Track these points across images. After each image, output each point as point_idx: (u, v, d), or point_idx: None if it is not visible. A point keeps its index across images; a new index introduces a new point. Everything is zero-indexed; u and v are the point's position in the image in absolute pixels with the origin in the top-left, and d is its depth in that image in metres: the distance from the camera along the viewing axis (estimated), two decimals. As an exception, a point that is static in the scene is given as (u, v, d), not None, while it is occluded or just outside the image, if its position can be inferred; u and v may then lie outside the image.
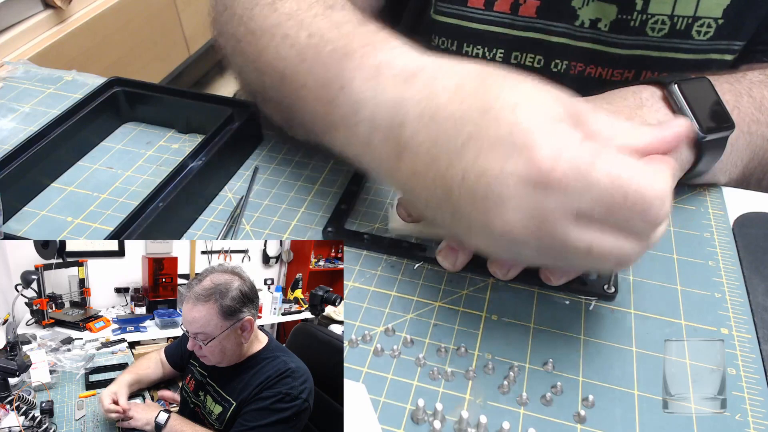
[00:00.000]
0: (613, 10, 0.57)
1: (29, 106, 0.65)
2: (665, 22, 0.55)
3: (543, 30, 0.60)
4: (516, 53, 0.57)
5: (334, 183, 0.53)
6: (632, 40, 0.57)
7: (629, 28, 0.57)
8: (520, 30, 0.60)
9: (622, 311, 0.42)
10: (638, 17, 0.56)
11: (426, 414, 0.36)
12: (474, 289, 0.44)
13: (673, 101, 0.45)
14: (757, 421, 0.35)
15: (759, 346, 0.39)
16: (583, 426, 0.36)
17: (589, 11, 0.57)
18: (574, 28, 0.59)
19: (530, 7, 0.59)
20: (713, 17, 0.55)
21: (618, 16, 0.56)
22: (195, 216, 0.50)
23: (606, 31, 0.58)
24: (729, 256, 0.45)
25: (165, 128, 0.61)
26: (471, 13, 0.60)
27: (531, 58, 0.61)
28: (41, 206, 0.52)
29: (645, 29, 0.56)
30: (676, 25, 0.56)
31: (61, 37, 1.15)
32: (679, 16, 0.55)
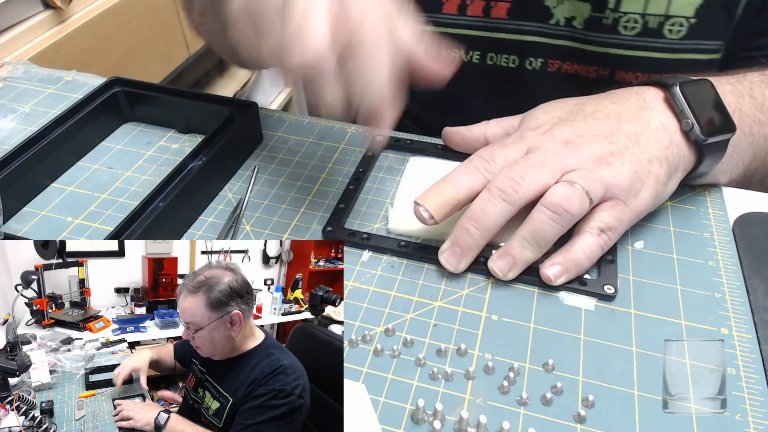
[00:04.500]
0: (586, 8, 0.58)
1: (29, 106, 0.65)
2: (637, 20, 0.56)
3: (516, 30, 0.61)
4: (491, 54, 0.59)
5: (334, 183, 0.53)
6: (606, 38, 0.58)
7: (602, 26, 0.58)
8: (494, 32, 0.61)
9: (622, 311, 0.42)
10: (611, 15, 0.57)
11: (426, 414, 0.36)
12: (474, 289, 0.44)
13: (674, 103, 0.45)
14: (757, 421, 0.35)
15: (759, 346, 0.39)
16: (583, 426, 0.36)
17: (564, 10, 0.59)
18: (550, 26, 0.60)
19: (501, 9, 0.60)
20: (685, 16, 0.55)
21: (592, 14, 0.57)
22: (195, 216, 0.50)
23: (581, 28, 0.59)
24: (729, 256, 0.45)
25: (165, 128, 0.61)
26: (446, 19, 0.62)
27: (506, 58, 0.63)
28: (41, 206, 0.52)
29: (618, 27, 0.57)
30: (648, 23, 0.56)
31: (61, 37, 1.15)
32: (651, 15, 0.56)
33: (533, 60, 0.62)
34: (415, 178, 0.52)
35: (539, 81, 0.63)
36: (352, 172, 0.53)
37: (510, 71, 0.63)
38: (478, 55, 0.63)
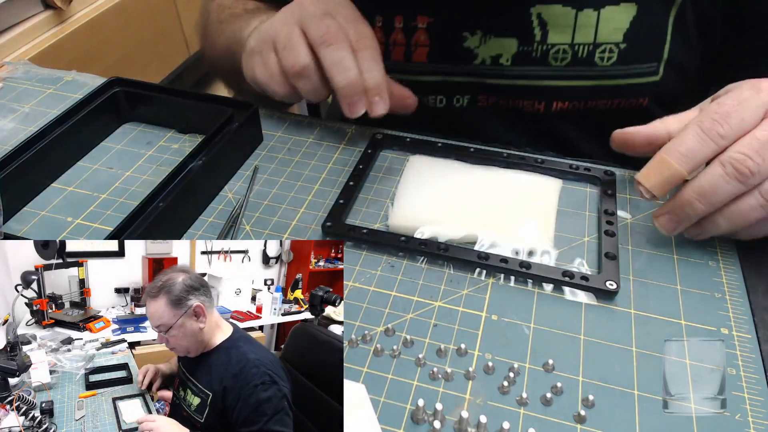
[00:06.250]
0: (513, 44, 0.58)
1: (29, 106, 0.65)
2: (566, 51, 0.57)
3: (440, 72, 0.62)
4: (419, 95, 0.58)
5: (334, 183, 0.53)
6: (537, 71, 0.58)
7: (532, 59, 0.58)
8: (416, 75, 0.62)
9: (622, 311, 0.42)
10: (539, 48, 0.57)
11: (426, 414, 0.36)
12: (474, 289, 0.44)
13: None
14: (757, 421, 0.35)
15: (759, 346, 0.39)
16: (583, 426, 0.36)
17: (489, 49, 0.59)
18: (475, 67, 0.60)
19: (421, 53, 0.61)
20: (614, 42, 0.55)
21: (519, 48, 0.58)
22: (195, 216, 0.50)
23: (509, 65, 0.59)
24: (729, 256, 0.45)
25: (165, 128, 0.61)
26: None
27: (432, 99, 0.63)
28: (41, 206, 0.52)
29: (548, 59, 0.57)
30: (578, 53, 0.57)
31: (61, 37, 1.16)
32: (580, 44, 0.56)
33: (460, 98, 0.63)
34: (416, 177, 0.52)
35: (470, 116, 0.63)
36: (351, 171, 0.53)
37: (438, 110, 0.64)
38: None
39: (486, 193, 0.51)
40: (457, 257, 0.45)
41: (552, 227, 0.48)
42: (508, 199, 0.50)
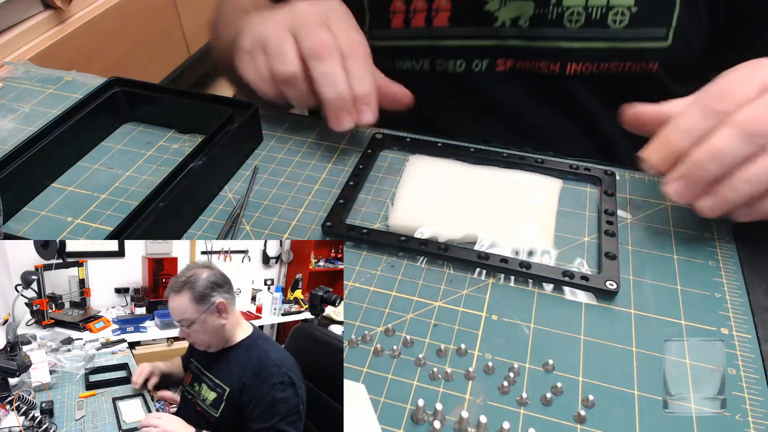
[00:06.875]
0: (530, 6, 0.59)
1: (29, 106, 0.65)
2: (580, 12, 0.58)
3: (460, 36, 0.63)
4: (439, 60, 0.61)
5: (334, 183, 0.53)
6: (552, 32, 0.60)
7: (548, 21, 0.59)
8: (438, 39, 0.63)
9: (622, 311, 0.42)
10: (554, 10, 0.59)
11: (426, 414, 0.36)
12: (474, 289, 0.44)
13: None
14: (757, 421, 0.35)
15: (759, 346, 0.39)
16: (583, 426, 0.36)
17: (508, 11, 0.60)
18: (496, 29, 0.61)
19: (442, 17, 0.62)
20: (626, 5, 0.57)
21: (535, 11, 0.59)
22: (195, 216, 0.50)
23: (527, 27, 0.60)
24: (729, 256, 0.45)
25: (165, 128, 0.61)
26: (395, 33, 0.64)
27: (452, 63, 0.64)
28: (41, 206, 0.52)
29: (563, 21, 0.59)
30: (591, 15, 0.58)
31: (61, 37, 1.15)
32: (593, 6, 0.58)
33: (479, 62, 0.64)
34: (416, 177, 0.52)
35: (488, 82, 0.64)
36: (351, 171, 0.53)
37: (457, 76, 0.65)
38: (428, 63, 0.64)
39: (486, 193, 0.51)
40: (457, 257, 0.45)
41: (552, 227, 0.48)
42: (509, 199, 0.50)
